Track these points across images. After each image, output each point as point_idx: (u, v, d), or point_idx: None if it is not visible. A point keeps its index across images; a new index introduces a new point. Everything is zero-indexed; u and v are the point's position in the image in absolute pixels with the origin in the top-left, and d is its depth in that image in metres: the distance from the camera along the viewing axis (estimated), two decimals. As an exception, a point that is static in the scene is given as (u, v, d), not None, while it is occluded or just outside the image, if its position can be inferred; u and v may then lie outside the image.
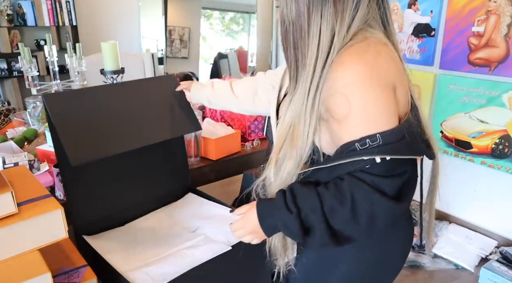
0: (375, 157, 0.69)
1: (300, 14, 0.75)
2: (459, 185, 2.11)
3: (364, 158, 0.70)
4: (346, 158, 0.71)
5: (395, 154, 0.70)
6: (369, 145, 0.70)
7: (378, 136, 0.70)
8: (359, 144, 0.70)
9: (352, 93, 0.71)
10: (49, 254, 0.85)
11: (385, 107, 0.72)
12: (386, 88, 0.72)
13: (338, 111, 0.73)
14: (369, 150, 0.70)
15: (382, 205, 0.72)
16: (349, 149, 0.72)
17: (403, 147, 0.71)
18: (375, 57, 0.72)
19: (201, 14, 4.25)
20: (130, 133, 1.14)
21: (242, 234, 0.86)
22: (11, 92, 3.65)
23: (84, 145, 1.03)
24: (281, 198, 0.78)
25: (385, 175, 0.71)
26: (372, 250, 0.88)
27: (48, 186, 1.27)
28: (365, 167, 0.71)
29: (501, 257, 1.77)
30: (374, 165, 0.70)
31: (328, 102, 0.74)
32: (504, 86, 1.78)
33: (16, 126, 1.86)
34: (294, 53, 0.78)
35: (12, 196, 0.79)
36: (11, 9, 3.40)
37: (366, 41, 0.74)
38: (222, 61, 4.33)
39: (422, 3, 2.03)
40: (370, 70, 0.71)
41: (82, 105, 1.09)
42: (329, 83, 0.73)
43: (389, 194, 0.72)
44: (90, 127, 1.07)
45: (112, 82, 1.79)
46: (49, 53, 1.81)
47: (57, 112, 1.02)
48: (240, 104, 1.19)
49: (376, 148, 0.70)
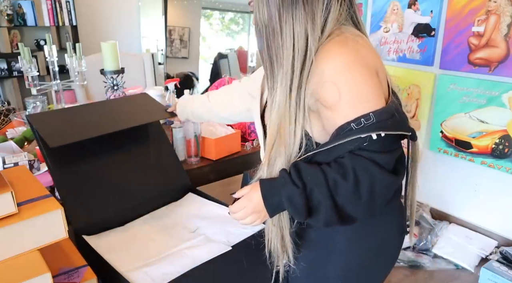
0: (371, 133, 0.73)
1: (271, 17, 0.79)
2: (459, 185, 2.11)
3: (361, 135, 0.73)
4: (344, 138, 0.74)
5: (389, 130, 0.74)
6: (364, 123, 0.73)
7: (371, 115, 0.73)
8: (355, 124, 0.74)
9: (340, 79, 0.75)
10: (49, 254, 0.85)
11: (373, 87, 0.76)
12: (371, 71, 0.77)
13: (329, 99, 0.76)
14: (365, 128, 0.73)
15: (381, 178, 0.75)
16: (346, 130, 0.74)
17: (395, 124, 0.75)
18: (355, 44, 0.77)
19: (201, 14, 4.25)
20: (105, 121, 1.27)
21: (244, 214, 0.85)
22: (11, 92, 3.65)
23: (60, 130, 1.15)
24: (285, 174, 0.79)
25: (381, 150, 0.75)
26: (370, 239, 0.90)
27: (48, 186, 1.27)
28: (363, 145, 0.74)
29: (501, 257, 1.77)
30: (371, 141, 0.74)
31: (318, 94, 0.77)
32: (504, 86, 1.78)
33: (16, 126, 1.86)
34: (269, 54, 0.82)
35: (12, 196, 0.79)
36: (11, 9, 3.40)
37: (343, 34, 0.78)
38: (222, 61, 4.33)
39: (422, 3, 2.03)
40: (354, 55, 0.75)
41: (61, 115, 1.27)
42: (316, 76, 0.76)
43: (387, 168, 0.75)
44: (66, 122, 1.21)
45: (112, 82, 1.79)
46: (49, 53, 1.81)
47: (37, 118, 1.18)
48: (218, 113, 1.27)
49: (371, 125, 0.73)
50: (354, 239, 0.89)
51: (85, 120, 1.25)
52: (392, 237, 0.94)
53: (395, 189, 0.80)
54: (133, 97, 1.47)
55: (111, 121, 1.27)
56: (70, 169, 1.17)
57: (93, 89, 2.86)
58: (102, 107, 1.36)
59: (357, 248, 0.90)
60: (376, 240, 0.91)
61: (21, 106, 3.48)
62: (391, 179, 0.76)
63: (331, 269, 0.92)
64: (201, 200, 1.32)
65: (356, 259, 0.91)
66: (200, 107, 1.31)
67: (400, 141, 0.81)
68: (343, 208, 0.77)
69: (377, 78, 0.78)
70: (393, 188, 0.79)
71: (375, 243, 0.91)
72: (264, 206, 0.81)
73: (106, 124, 1.24)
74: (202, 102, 1.30)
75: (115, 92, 1.80)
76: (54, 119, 1.21)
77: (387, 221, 0.92)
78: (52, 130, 1.14)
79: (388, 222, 0.92)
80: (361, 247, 0.90)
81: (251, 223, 0.86)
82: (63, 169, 1.16)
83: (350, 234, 0.89)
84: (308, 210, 0.78)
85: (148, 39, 4.11)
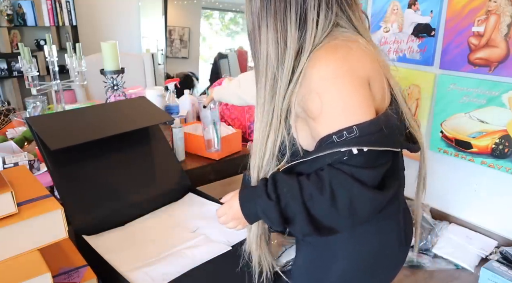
0: (352, 148, 0.71)
1: (253, 24, 0.81)
2: (459, 185, 2.11)
3: (341, 149, 0.71)
4: (324, 150, 0.73)
5: (372, 145, 0.71)
6: (346, 136, 0.71)
7: (355, 128, 0.71)
8: (336, 136, 0.72)
9: (325, 90, 0.73)
10: (49, 254, 0.85)
11: (359, 99, 0.73)
12: (360, 82, 0.74)
13: (313, 110, 0.75)
14: (346, 141, 0.71)
15: (360, 193, 0.73)
16: (327, 142, 0.73)
17: (380, 139, 0.73)
18: (346, 53, 0.74)
19: (201, 14, 4.25)
20: (105, 123, 1.28)
21: (226, 220, 0.88)
22: (11, 92, 3.65)
23: (60, 133, 1.16)
24: (262, 185, 0.80)
25: (364, 166, 0.73)
26: (369, 243, 0.89)
27: (48, 186, 1.27)
28: (343, 159, 0.72)
29: (501, 257, 1.77)
30: (352, 156, 0.71)
31: (304, 103, 0.76)
32: (504, 86, 1.78)
33: (16, 126, 1.86)
34: (254, 60, 0.84)
35: (12, 196, 0.79)
36: (11, 9, 3.40)
37: (334, 41, 0.75)
38: (222, 61, 4.33)
39: (422, 3, 2.03)
40: (341, 65, 0.73)
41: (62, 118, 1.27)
42: (304, 85, 0.75)
43: (368, 183, 0.73)
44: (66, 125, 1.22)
45: (112, 82, 1.79)
46: (49, 53, 1.81)
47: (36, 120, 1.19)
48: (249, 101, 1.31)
49: (353, 139, 0.71)
50: (352, 244, 0.88)
51: (85, 123, 1.25)
52: (392, 243, 0.92)
53: (381, 203, 0.77)
54: (132, 100, 1.47)
55: (111, 124, 1.27)
56: (70, 169, 1.17)
57: (93, 89, 2.86)
58: (101, 110, 1.36)
59: (355, 253, 0.89)
60: (375, 246, 0.89)
61: (21, 106, 3.48)
62: (371, 194, 0.73)
63: (328, 272, 0.91)
64: (201, 200, 1.32)
65: (354, 264, 0.90)
66: (232, 97, 1.34)
67: (391, 154, 0.77)
68: (319, 221, 0.76)
69: (367, 89, 0.75)
70: (377, 202, 0.76)
71: (374, 248, 0.89)
72: (242, 214, 0.83)
73: (106, 127, 1.24)
74: (232, 92, 1.33)
75: (115, 92, 1.80)
76: (53, 122, 1.21)
77: (386, 226, 0.89)
78: (52, 133, 1.14)
79: (387, 228, 0.90)
80: (360, 251, 0.89)
81: (234, 227, 0.88)
82: (63, 170, 1.16)
83: (348, 238, 0.88)
84: (285, 220, 0.78)
85: (148, 39, 4.11)
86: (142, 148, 1.35)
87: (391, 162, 0.77)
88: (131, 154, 1.31)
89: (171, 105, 2.07)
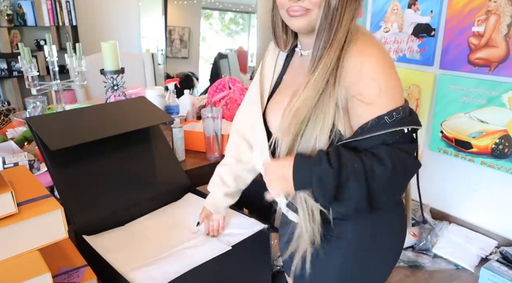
0: (403, 127, 0.79)
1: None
2: (459, 185, 2.11)
3: (397, 129, 0.79)
4: (380, 130, 0.79)
5: (414, 124, 0.82)
6: (395, 117, 0.79)
7: (400, 109, 0.80)
8: (388, 117, 0.79)
9: (379, 77, 0.79)
10: (49, 254, 0.85)
11: (399, 86, 0.84)
12: (397, 75, 0.84)
13: (369, 95, 0.79)
14: (397, 122, 0.79)
15: (412, 164, 0.82)
16: (380, 123, 0.79)
17: (415, 119, 0.83)
18: (383, 48, 0.84)
19: (201, 14, 4.25)
20: (105, 124, 1.28)
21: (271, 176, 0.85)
22: (11, 92, 3.65)
23: (60, 133, 1.16)
24: (324, 154, 0.78)
25: (409, 141, 0.82)
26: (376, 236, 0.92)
27: (48, 186, 1.27)
28: (396, 137, 0.80)
29: (501, 257, 1.76)
30: (404, 134, 0.80)
31: (355, 90, 0.80)
32: (504, 86, 1.78)
33: (16, 126, 1.86)
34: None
35: (12, 196, 0.79)
36: (11, 9, 3.40)
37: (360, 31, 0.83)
38: (222, 61, 4.33)
39: (422, 3, 2.03)
40: (386, 56, 0.82)
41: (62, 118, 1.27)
42: (353, 73, 0.79)
43: (414, 155, 0.84)
44: (66, 125, 1.22)
45: (112, 82, 1.79)
46: (49, 53, 1.81)
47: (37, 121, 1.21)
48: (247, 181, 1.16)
49: (402, 120, 0.79)
50: (362, 234, 0.91)
51: (85, 123, 1.25)
52: (397, 233, 0.97)
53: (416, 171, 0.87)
54: (132, 100, 1.47)
55: (111, 125, 1.27)
56: (70, 169, 1.17)
57: (93, 89, 2.86)
58: (101, 110, 1.36)
59: (365, 244, 0.91)
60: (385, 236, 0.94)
61: (21, 106, 3.48)
62: (418, 163, 0.84)
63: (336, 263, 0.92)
64: (201, 200, 1.32)
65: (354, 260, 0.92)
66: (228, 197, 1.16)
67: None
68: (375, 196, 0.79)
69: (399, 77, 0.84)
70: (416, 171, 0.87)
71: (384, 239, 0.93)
72: (292, 178, 0.80)
73: (106, 128, 1.24)
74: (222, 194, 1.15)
75: (115, 92, 1.80)
76: (53, 122, 1.21)
77: (393, 217, 0.95)
78: (52, 133, 1.14)
79: (394, 218, 0.95)
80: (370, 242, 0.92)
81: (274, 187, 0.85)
82: (63, 170, 1.16)
83: (358, 228, 0.90)
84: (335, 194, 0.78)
85: (148, 39, 4.11)
86: (142, 148, 1.35)
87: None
88: (131, 154, 1.31)
89: (171, 105, 2.08)
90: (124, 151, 1.30)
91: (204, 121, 1.52)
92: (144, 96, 1.54)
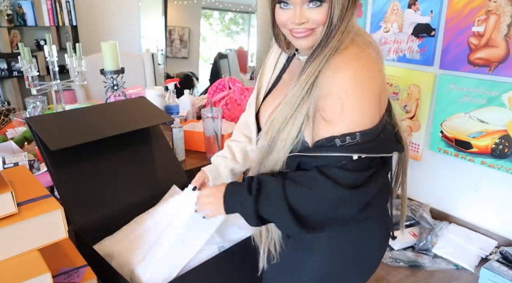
0: (353, 154, 0.74)
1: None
2: (459, 185, 2.11)
3: (343, 154, 0.74)
4: (327, 152, 0.75)
5: (369, 152, 0.76)
6: (348, 142, 0.74)
7: (358, 134, 0.75)
8: (339, 140, 0.75)
9: (346, 98, 0.75)
10: (49, 254, 0.85)
11: (371, 109, 0.77)
12: (374, 92, 0.77)
13: (330, 113, 0.76)
14: (348, 147, 0.74)
15: (333, 193, 0.76)
16: (329, 144, 0.75)
17: (377, 146, 0.77)
18: (367, 64, 0.76)
19: (201, 14, 4.25)
20: (105, 124, 1.27)
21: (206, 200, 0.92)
22: (11, 92, 3.65)
23: (60, 133, 1.16)
24: (248, 181, 0.83)
25: (356, 169, 0.76)
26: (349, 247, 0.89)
27: (48, 186, 1.27)
28: (341, 163, 0.75)
29: (501, 257, 1.77)
30: (350, 161, 0.75)
31: (320, 105, 0.77)
32: (504, 86, 1.78)
33: (16, 126, 1.86)
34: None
35: (12, 196, 0.79)
36: (11, 9, 3.40)
37: (353, 45, 0.77)
38: (222, 61, 4.33)
39: (422, 3, 2.03)
40: (363, 78, 0.75)
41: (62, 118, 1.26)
42: (324, 86, 0.76)
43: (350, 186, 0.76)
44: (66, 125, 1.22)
45: (112, 82, 1.79)
46: (49, 53, 1.81)
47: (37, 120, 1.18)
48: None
49: (354, 146, 0.74)
50: (335, 245, 0.88)
51: (85, 123, 1.25)
52: (374, 246, 0.93)
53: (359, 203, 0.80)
54: (132, 100, 1.47)
55: (111, 125, 1.27)
56: (70, 169, 1.17)
57: (93, 89, 2.86)
58: (101, 110, 1.36)
59: (337, 255, 0.89)
60: (358, 248, 0.90)
61: (21, 106, 3.48)
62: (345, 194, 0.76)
63: (308, 271, 0.91)
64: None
65: (335, 265, 0.90)
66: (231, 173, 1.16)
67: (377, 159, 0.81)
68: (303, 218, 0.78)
69: (378, 102, 0.78)
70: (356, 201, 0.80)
71: (356, 251, 0.90)
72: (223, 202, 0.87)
73: (106, 128, 1.24)
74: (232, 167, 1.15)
75: (115, 92, 1.80)
76: (53, 122, 1.21)
77: (369, 230, 0.90)
78: (52, 133, 1.14)
79: (370, 231, 0.91)
80: (342, 254, 0.89)
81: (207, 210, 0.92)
82: (63, 170, 1.16)
83: (331, 240, 0.88)
84: (260, 218, 0.81)
85: (148, 39, 4.10)
86: (142, 147, 1.35)
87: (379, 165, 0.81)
88: (131, 154, 1.31)
89: (171, 105, 2.08)
90: (124, 151, 1.30)
91: (204, 121, 1.52)
92: (144, 96, 1.54)
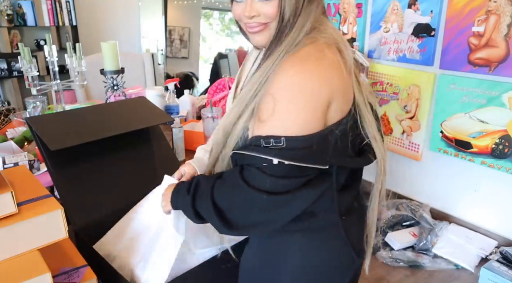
0: (273, 158, 0.71)
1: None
2: (459, 185, 2.11)
3: (263, 156, 0.71)
4: (252, 151, 0.73)
5: (293, 160, 0.71)
6: (272, 144, 0.71)
7: (283, 139, 0.71)
8: (264, 141, 0.72)
9: (281, 98, 0.72)
10: (49, 254, 0.85)
11: (303, 119, 0.72)
12: (313, 102, 0.73)
13: (264, 111, 0.74)
14: (269, 149, 0.71)
15: (244, 195, 0.74)
16: (255, 143, 0.74)
17: (306, 156, 0.72)
18: (317, 67, 0.73)
19: (201, 14, 4.25)
20: (106, 124, 1.28)
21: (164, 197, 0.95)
22: (11, 92, 3.66)
23: (60, 133, 1.16)
24: (190, 180, 0.86)
25: (280, 176, 0.72)
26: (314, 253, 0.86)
27: (48, 186, 1.27)
28: (262, 165, 0.72)
29: (501, 257, 1.76)
30: (271, 165, 0.72)
31: (260, 100, 0.75)
32: (504, 86, 1.78)
33: (16, 126, 1.86)
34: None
35: (12, 196, 0.79)
36: (11, 9, 3.40)
37: (312, 45, 0.75)
38: (222, 61, 4.33)
39: (422, 3, 2.03)
40: (305, 81, 0.72)
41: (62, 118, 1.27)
42: (269, 80, 0.74)
43: (257, 188, 0.73)
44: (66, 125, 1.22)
45: (112, 82, 1.79)
46: (49, 53, 1.81)
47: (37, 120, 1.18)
48: None
49: (278, 150, 0.71)
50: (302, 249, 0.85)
51: (85, 123, 1.25)
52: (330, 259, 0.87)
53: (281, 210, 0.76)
54: (132, 100, 1.47)
55: (111, 125, 1.27)
56: (70, 170, 1.17)
57: (93, 89, 2.86)
58: (101, 110, 1.36)
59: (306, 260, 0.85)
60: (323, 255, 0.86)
61: (21, 106, 3.48)
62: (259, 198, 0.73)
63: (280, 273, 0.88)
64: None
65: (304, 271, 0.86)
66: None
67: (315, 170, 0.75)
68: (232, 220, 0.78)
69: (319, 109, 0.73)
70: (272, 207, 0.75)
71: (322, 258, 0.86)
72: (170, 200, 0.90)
73: (106, 128, 1.24)
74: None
75: (115, 92, 1.81)
76: (53, 122, 1.21)
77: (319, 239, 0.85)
78: (52, 133, 1.14)
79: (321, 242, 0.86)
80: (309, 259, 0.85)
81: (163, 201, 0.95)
82: (63, 170, 1.16)
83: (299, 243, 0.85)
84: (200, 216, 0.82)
85: (148, 39, 4.11)
86: (142, 148, 1.35)
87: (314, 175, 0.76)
88: (131, 154, 1.31)
89: (171, 105, 2.08)
90: (124, 151, 1.30)
91: (204, 121, 1.52)
92: (144, 96, 1.54)
